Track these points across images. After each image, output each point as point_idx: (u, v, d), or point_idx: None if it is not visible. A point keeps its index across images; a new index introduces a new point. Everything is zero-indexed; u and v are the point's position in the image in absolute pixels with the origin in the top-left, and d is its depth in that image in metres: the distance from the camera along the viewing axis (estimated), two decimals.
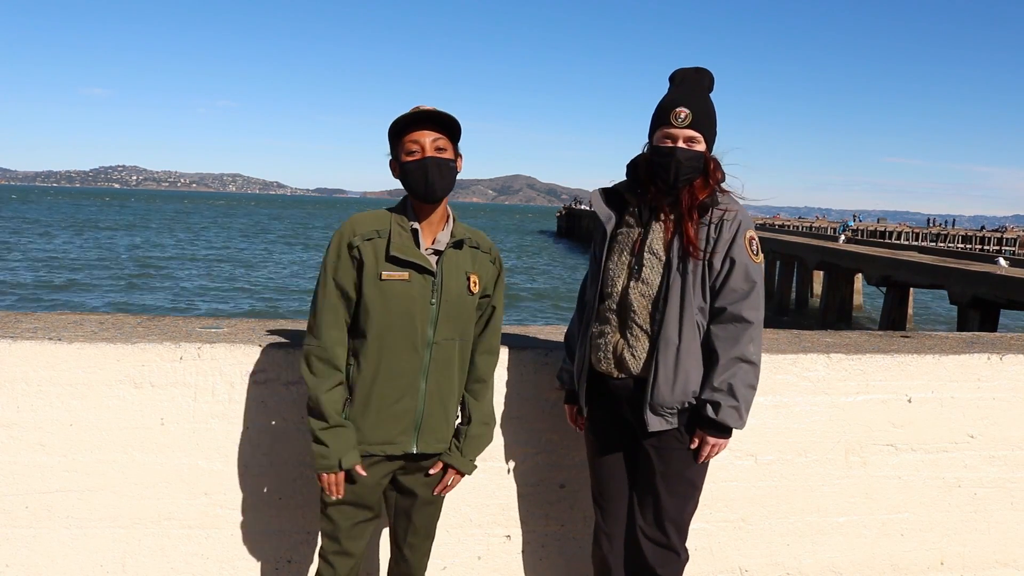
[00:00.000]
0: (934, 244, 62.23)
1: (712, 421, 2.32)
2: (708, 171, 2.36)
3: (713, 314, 2.35)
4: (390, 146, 2.29)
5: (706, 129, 2.34)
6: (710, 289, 2.34)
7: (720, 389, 2.30)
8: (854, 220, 76.81)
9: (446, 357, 2.28)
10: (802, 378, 2.95)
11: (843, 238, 33.93)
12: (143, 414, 2.63)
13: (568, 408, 2.66)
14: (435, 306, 2.23)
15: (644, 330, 2.35)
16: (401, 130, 2.24)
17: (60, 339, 2.62)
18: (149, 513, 2.68)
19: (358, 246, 2.20)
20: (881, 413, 3.01)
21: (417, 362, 2.24)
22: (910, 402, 3.03)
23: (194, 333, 2.83)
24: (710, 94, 2.39)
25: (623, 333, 2.38)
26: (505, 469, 2.86)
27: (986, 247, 63.00)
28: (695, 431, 2.37)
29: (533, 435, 2.86)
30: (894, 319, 22.47)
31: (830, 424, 2.98)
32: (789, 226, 72.24)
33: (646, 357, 2.35)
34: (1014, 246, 62.63)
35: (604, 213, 2.46)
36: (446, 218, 2.32)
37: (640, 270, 2.37)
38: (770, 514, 3.00)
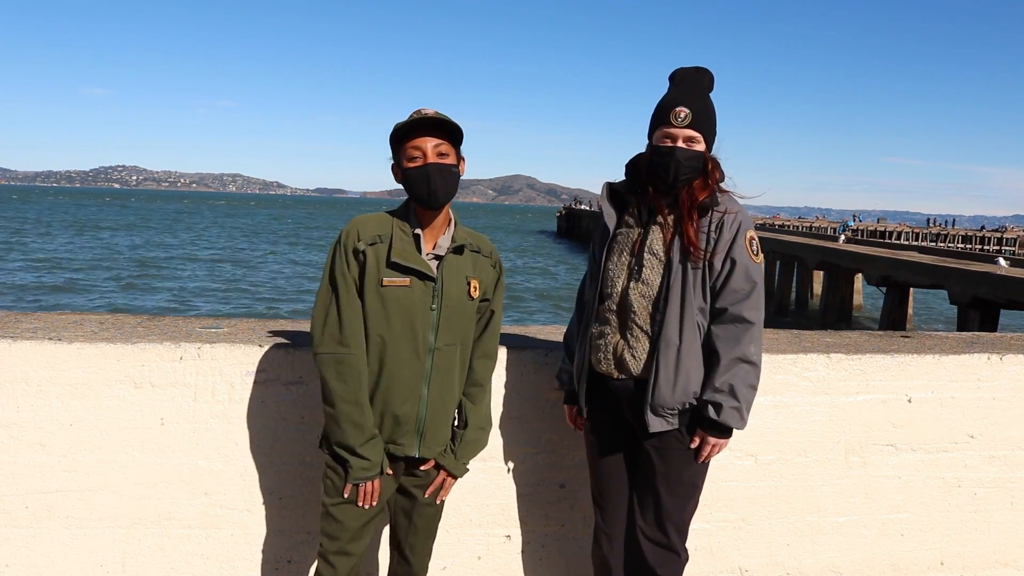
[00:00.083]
0: (934, 244, 62.20)
1: (713, 422, 2.32)
2: (707, 171, 2.36)
3: (714, 315, 2.34)
4: (392, 151, 2.28)
5: (706, 129, 2.34)
6: (710, 290, 2.33)
7: (721, 390, 2.30)
8: (854, 220, 76.76)
9: (447, 363, 2.28)
10: (802, 378, 2.95)
11: (843, 238, 33.89)
12: (143, 414, 2.63)
13: (568, 408, 2.66)
14: (436, 312, 2.23)
15: (644, 331, 2.35)
16: (403, 136, 2.23)
17: (60, 339, 2.62)
18: (149, 513, 2.68)
19: (363, 251, 2.20)
20: (881, 413, 3.01)
21: (419, 368, 2.24)
22: (910, 402, 3.03)
23: (194, 333, 2.83)
24: (710, 94, 2.39)
25: (623, 334, 2.38)
26: (505, 469, 2.86)
27: (986, 247, 62.97)
28: (695, 431, 2.37)
29: (533, 435, 2.85)
30: (894, 319, 22.47)
31: (830, 424, 2.98)
32: (789, 226, 72.18)
33: (646, 358, 2.34)
34: (1014, 246, 62.60)
35: (608, 211, 2.46)
36: (448, 222, 2.32)
37: (640, 271, 2.37)
38: (770, 514, 3.00)
